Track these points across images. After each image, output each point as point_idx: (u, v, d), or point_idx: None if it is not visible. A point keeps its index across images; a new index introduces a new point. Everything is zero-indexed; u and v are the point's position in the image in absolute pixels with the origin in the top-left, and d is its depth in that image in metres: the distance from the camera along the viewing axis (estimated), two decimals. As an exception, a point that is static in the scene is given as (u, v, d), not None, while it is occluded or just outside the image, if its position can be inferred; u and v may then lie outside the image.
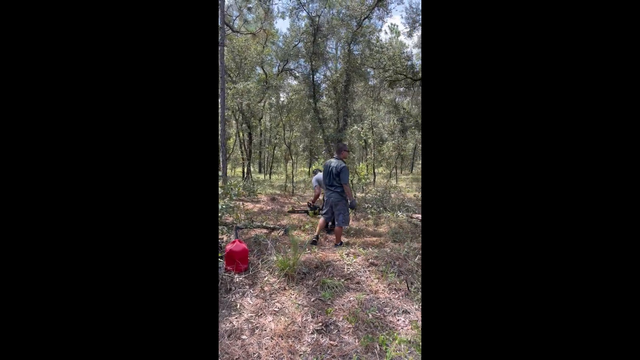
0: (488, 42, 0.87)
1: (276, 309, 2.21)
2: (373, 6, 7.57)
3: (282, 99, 11.33)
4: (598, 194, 0.79)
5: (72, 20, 0.84)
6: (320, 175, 4.34)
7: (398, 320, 2.08)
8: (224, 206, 3.73)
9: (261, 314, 2.16)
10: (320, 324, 2.03)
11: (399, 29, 10.38)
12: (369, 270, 2.79)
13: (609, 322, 0.77)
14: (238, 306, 2.26)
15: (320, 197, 5.29)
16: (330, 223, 4.10)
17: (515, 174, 0.85)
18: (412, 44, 22.43)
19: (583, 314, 0.78)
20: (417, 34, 10.90)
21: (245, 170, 12.77)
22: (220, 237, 3.49)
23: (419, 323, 2.01)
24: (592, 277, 0.78)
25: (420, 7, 11.19)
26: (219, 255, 2.57)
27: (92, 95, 0.85)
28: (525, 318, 0.81)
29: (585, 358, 0.77)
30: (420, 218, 4.77)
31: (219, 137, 7.08)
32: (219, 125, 6.86)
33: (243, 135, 12.88)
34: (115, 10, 0.86)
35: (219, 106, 6.81)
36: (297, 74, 11.41)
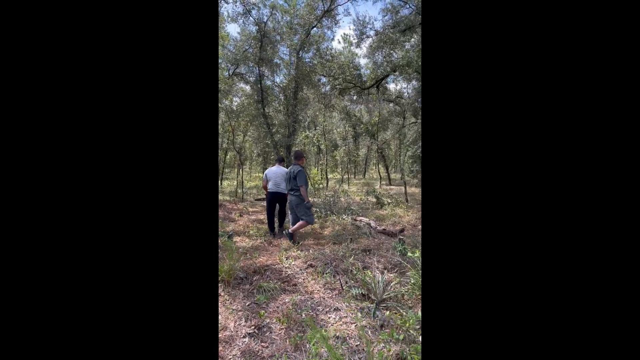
0: (488, 42, 0.87)
1: (208, 316, 2.18)
2: (321, 16, 7.81)
3: (235, 104, 11.14)
4: (598, 192, 0.79)
5: (72, 20, 0.84)
6: (269, 171, 4.57)
7: (329, 317, 2.17)
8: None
9: (192, 322, 2.11)
10: (253, 327, 2.05)
11: (352, 39, 10.78)
12: (306, 272, 2.87)
13: (608, 322, 0.76)
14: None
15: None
16: (277, 225, 4.33)
17: (515, 174, 0.85)
18: (361, 54, 23.37)
19: (582, 313, 0.78)
20: (365, 45, 11.40)
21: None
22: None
23: (348, 319, 2.13)
24: (591, 277, 0.78)
25: (367, 19, 11.74)
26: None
27: (91, 95, 0.85)
28: (525, 318, 0.81)
29: (585, 358, 0.77)
30: (363, 220, 4.99)
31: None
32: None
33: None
34: (115, 10, 0.86)
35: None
36: (250, 79, 11.32)
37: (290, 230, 3.89)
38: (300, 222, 3.88)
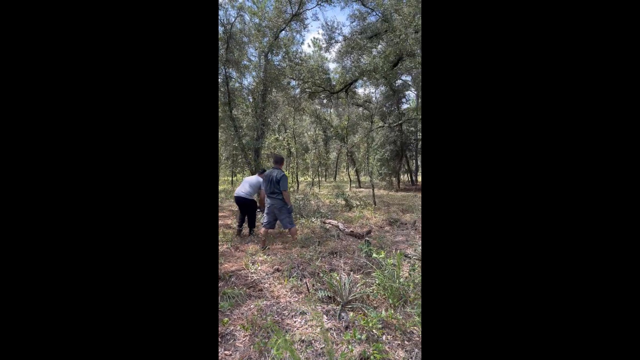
0: (488, 43, 0.87)
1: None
2: (289, 19, 7.82)
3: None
4: (598, 192, 0.79)
5: (72, 20, 0.84)
6: (251, 180, 4.57)
7: (295, 322, 2.16)
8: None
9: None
10: (216, 335, 1.99)
11: (321, 44, 10.88)
12: (273, 277, 2.84)
13: (608, 323, 0.76)
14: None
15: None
16: (243, 228, 4.42)
17: (515, 175, 0.85)
18: (331, 58, 23.69)
19: (581, 313, 0.78)
20: (334, 49, 11.56)
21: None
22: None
23: (314, 322, 2.13)
24: (591, 278, 0.78)
25: (335, 24, 11.93)
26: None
27: (92, 96, 0.85)
28: (525, 318, 0.81)
29: (584, 357, 0.77)
30: (331, 223, 5.04)
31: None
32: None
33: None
34: (115, 11, 0.86)
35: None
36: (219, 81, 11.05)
37: (293, 240, 3.99)
38: (293, 230, 3.95)
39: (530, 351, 0.80)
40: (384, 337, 1.94)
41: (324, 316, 2.19)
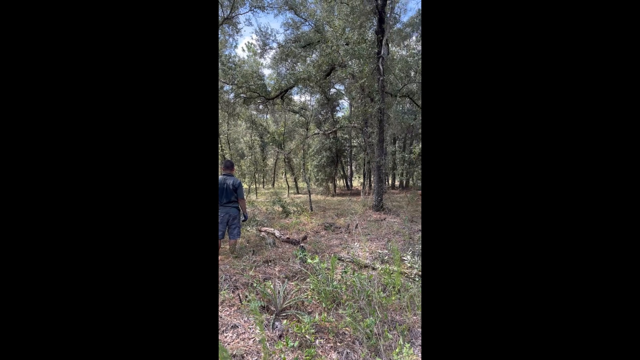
0: (488, 44, 0.87)
1: None
2: (221, 22, 7.58)
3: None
4: (598, 192, 0.79)
5: (72, 19, 0.83)
6: None
7: (226, 336, 2.07)
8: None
9: None
10: None
11: (256, 49, 10.73)
12: (202, 291, 2.67)
13: (608, 323, 0.76)
14: None
15: None
16: None
17: (515, 176, 0.85)
18: (266, 64, 23.56)
19: (581, 313, 0.78)
20: (269, 55, 11.52)
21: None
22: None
23: (246, 335, 2.06)
24: (590, 278, 0.78)
25: (269, 31, 11.92)
26: None
27: (92, 97, 0.85)
28: (525, 319, 0.81)
29: (584, 357, 0.77)
30: (267, 230, 4.96)
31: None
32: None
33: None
34: (115, 11, 0.86)
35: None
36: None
37: (232, 253, 3.72)
38: (233, 242, 3.73)
39: (530, 352, 0.80)
40: (317, 341, 1.97)
41: (257, 327, 2.14)
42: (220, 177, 3.67)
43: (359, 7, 6.85)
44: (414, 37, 12.75)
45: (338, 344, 1.96)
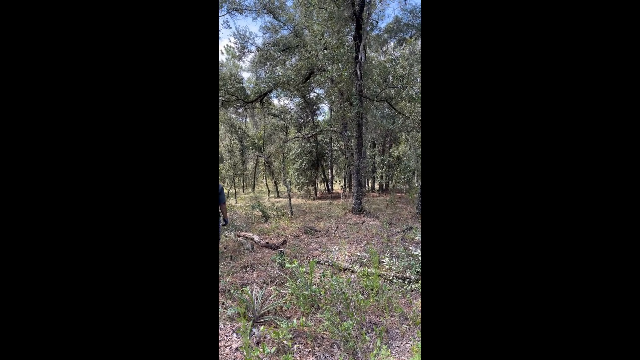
0: (488, 44, 0.87)
1: None
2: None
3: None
4: (595, 198, 0.79)
5: (73, 19, 0.83)
6: None
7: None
8: None
9: None
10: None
11: (235, 52, 10.61)
12: (177, 300, 2.59)
13: (607, 322, 0.76)
14: None
15: None
16: None
17: (514, 176, 0.85)
18: (245, 67, 23.38)
19: (581, 313, 0.78)
20: (248, 59, 11.43)
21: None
22: None
23: (222, 343, 2.01)
24: (590, 278, 0.78)
25: (248, 34, 11.83)
26: None
27: (92, 97, 0.85)
28: (525, 319, 0.81)
29: (584, 357, 0.77)
30: (246, 235, 4.89)
31: None
32: None
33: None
34: (115, 12, 0.86)
35: None
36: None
37: None
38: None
39: (530, 352, 0.80)
40: (294, 346, 1.95)
41: (234, 335, 2.09)
42: None
43: (337, 12, 6.94)
44: (391, 44, 13.04)
45: (316, 348, 1.96)
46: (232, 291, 2.67)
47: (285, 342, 1.93)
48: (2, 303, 0.77)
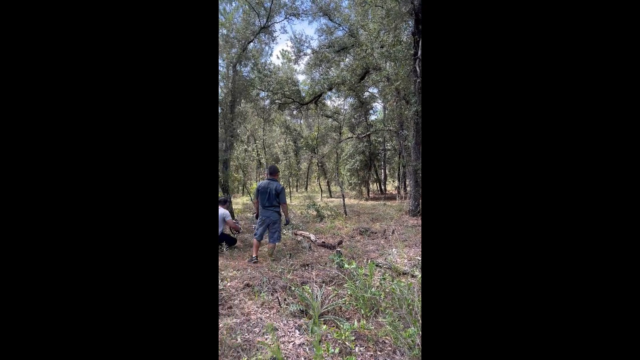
0: (488, 45, 0.87)
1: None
2: (258, 31, 7.84)
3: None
4: (595, 198, 0.79)
5: (74, 19, 0.84)
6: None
7: (266, 339, 2.10)
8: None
9: None
10: None
11: (290, 55, 11.00)
12: (243, 293, 2.75)
13: (608, 322, 0.76)
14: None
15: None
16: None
17: (514, 176, 0.85)
18: (300, 70, 23.98)
19: (581, 312, 0.78)
20: (303, 62, 11.71)
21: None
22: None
23: (286, 338, 2.08)
24: (589, 278, 0.78)
25: (304, 37, 12.14)
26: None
27: (93, 97, 0.85)
28: (525, 318, 0.81)
29: (584, 356, 0.76)
30: (303, 234, 5.00)
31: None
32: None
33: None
34: (115, 12, 0.86)
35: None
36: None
37: (271, 257, 3.84)
38: (272, 245, 3.87)
39: (530, 351, 0.79)
40: (356, 348, 1.94)
41: (296, 331, 2.15)
42: (264, 181, 3.86)
43: (394, 9, 6.75)
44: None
45: (378, 352, 1.92)
46: (292, 288, 2.76)
47: (347, 343, 1.93)
48: (2, 303, 0.77)
